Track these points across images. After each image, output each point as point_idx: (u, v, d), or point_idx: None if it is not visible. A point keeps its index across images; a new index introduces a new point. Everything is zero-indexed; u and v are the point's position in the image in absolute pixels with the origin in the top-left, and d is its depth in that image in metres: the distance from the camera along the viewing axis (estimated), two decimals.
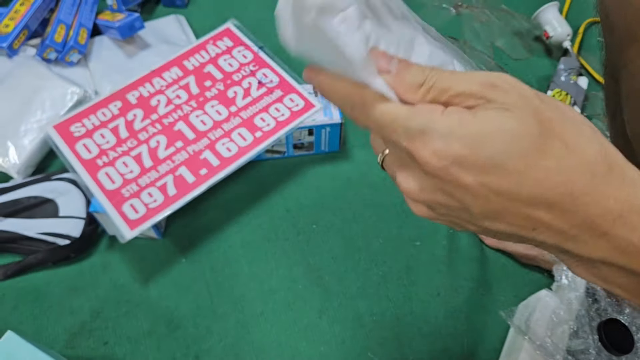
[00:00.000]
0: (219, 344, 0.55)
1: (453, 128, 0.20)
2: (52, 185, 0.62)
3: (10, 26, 0.71)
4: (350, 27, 0.21)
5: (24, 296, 0.58)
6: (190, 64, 0.66)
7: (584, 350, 0.51)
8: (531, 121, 0.20)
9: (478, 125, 0.20)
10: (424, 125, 0.21)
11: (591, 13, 0.87)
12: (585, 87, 0.75)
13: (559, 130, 0.20)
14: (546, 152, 0.20)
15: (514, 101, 0.20)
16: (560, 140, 0.20)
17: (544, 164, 0.20)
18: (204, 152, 0.59)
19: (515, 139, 0.20)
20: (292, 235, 0.63)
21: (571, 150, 0.20)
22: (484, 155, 0.20)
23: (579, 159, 0.20)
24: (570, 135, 0.20)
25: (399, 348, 0.55)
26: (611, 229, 0.20)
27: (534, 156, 0.20)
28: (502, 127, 0.20)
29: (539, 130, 0.20)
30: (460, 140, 0.20)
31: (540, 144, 0.20)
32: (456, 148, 0.20)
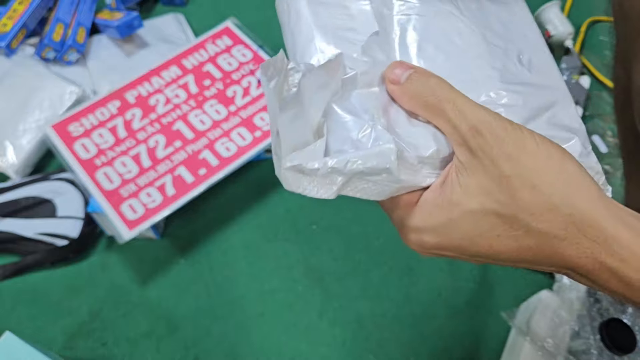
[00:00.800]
0: (219, 345, 0.55)
1: (424, 221, 0.23)
2: (50, 186, 0.61)
3: (8, 25, 0.70)
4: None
5: (22, 297, 0.57)
6: (189, 63, 0.66)
7: (586, 350, 0.51)
8: (496, 195, 0.21)
9: (445, 215, 0.22)
10: (400, 220, 0.24)
11: (593, 12, 0.87)
12: (587, 87, 0.75)
13: (526, 200, 0.21)
14: (512, 224, 0.21)
15: (487, 162, 0.21)
16: (525, 211, 0.21)
17: (512, 234, 0.22)
18: (203, 151, 0.58)
19: (480, 220, 0.22)
20: (292, 235, 0.62)
21: (537, 218, 0.21)
22: (454, 239, 0.23)
23: (546, 226, 0.21)
24: (538, 202, 0.21)
25: (399, 349, 0.55)
26: (589, 275, 0.22)
27: (501, 230, 0.22)
28: (468, 210, 0.22)
29: (502, 204, 0.21)
30: (432, 232, 0.23)
31: (506, 218, 0.21)
32: (428, 239, 0.23)
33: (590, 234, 0.21)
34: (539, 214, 0.21)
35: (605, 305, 0.50)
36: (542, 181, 0.21)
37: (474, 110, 0.22)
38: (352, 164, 0.21)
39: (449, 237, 0.23)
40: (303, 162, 0.22)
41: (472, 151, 0.21)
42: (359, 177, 0.22)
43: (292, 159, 0.22)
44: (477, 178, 0.22)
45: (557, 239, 0.21)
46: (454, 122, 0.22)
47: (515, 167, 0.21)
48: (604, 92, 0.77)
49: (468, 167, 0.22)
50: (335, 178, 0.22)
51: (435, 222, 0.23)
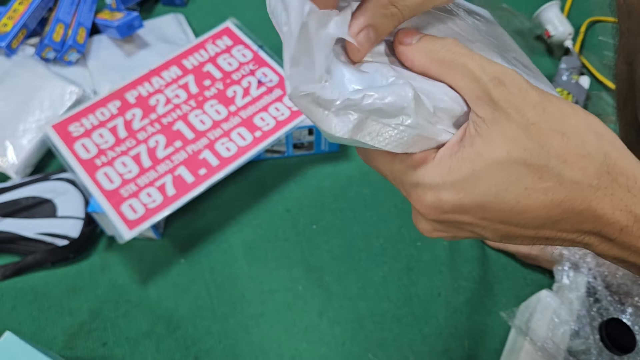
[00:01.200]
0: (219, 344, 0.55)
1: (443, 178, 0.21)
2: (50, 185, 0.61)
3: (8, 25, 0.70)
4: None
5: (23, 297, 0.57)
6: (190, 63, 0.66)
7: (585, 350, 0.51)
8: (524, 143, 0.20)
9: (467, 167, 0.20)
10: (415, 180, 0.22)
11: (593, 12, 0.87)
12: (587, 87, 0.75)
13: (556, 146, 0.20)
14: (542, 174, 0.20)
15: (512, 111, 0.20)
16: (557, 158, 0.20)
17: (541, 186, 0.20)
18: (203, 151, 0.58)
19: (507, 170, 0.20)
20: (292, 235, 0.62)
21: (569, 166, 0.20)
22: (477, 195, 0.20)
23: (580, 174, 0.20)
24: (569, 149, 0.20)
25: (399, 349, 0.55)
26: (618, 237, 0.20)
27: (530, 181, 0.20)
28: (492, 160, 0.20)
29: (532, 152, 0.20)
30: (451, 189, 0.21)
31: (535, 168, 0.20)
32: (448, 197, 0.21)
33: (624, 183, 0.20)
34: (572, 160, 0.19)
35: (605, 305, 0.50)
36: (571, 128, 0.20)
37: (494, 64, 0.21)
38: (368, 98, 0.20)
39: (471, 192, 0.20)
40: (318, 91, 0.20)
41: (494, 102, 0.20)
42: (374, 118, 0.20)
43: (306, 87, 0.20)
44: (500, 128, 0.20)
45: (591, 189, 0.20)
46: (474, 73, 0.20)
47: (542, 114, 0.20)
48: (603, 92, 0.77)
49: (489, 120, 0.20)
50: (350, 115, 0.20)
51: (455, 176, 0.20)
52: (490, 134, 0.20)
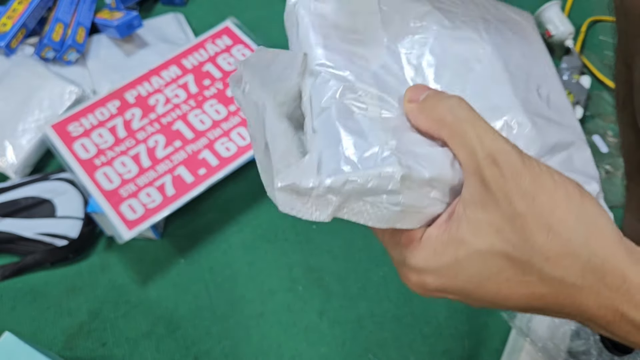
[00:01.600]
0: (219, 345, 0.55)
1: (426, 261, 0.21)
2: (49, 186, 0.61)
3: (8, 25, 0.70)
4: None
5: (22, 297, 0.57)
6: (189, 63, 0.66)
7: (585, 351, 0.51)
8: (508, 235, 0.19)
9: (450, 254, 0.20)
10: (401, 258, 0.22)
11: (593, 12, 0.86)
12: (588, 86, 0.74)
13: (540, 243, 0.19)
14: (524, 268, 0.19)
15: (501, 197, 0.19)
16: (540, 254, 0.19)
17: (523, 279, 0.20)
18: (202, 151, 0.58)
19: (488, 262, 0.20)
20: (292, 235, 0.62)
21: (552, 264, 0.19)
22: (459, 282, 0.21)
23: (562, 273, 0.19)
24: (553, 246, 0.19)
25: (399, 349, 0.55)
26: (606, 327, 0.20)
27: (512, 274, 0.20)
28: (475, 250, 0.20)
29: (514, 246, 0.19)
30: (434, 274, 0.21)
31: (517, 262, 0.19)
32: (431, 281, 0.21)
33: (611, 282, 0.19)
34: (555, 259, 0.19)
35: None
36: (559, 223, 0.19)
37: (493, 138, 0.20)
38: (350, 184, 0.19)
39: (453, 279, 0.21)
40: (297, 180, 0.20)
41: (485, 182, 0.19)
42: (356, 198, 0.20)
43: (284, 177, 0.20)
44: (487, 214, 0.19)
45: (574, 288, 0.19)
46: (471, 145, 0.20)
47: (531, 205, 0.19)
48: (604, 91, 0.77)
49: (478, 201, 0.20)
50: (331, 198, 0.20)
51: (439, 262, 0.21)
52: (476, 220, 0.20)
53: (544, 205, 0.19)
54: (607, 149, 0.71)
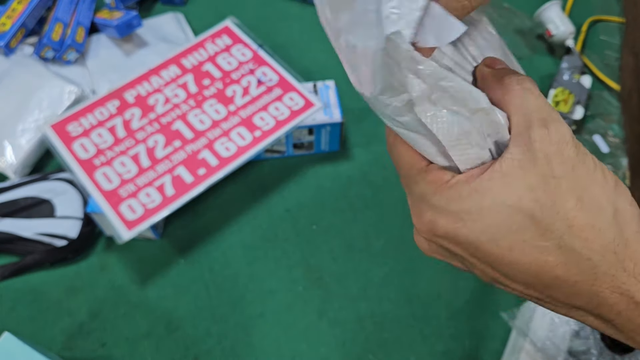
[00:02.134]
0: (218, 345, 0.55)
1: (449, 202, 0.20)
2: (49, 186, 0.61)
3: (7, 25, 0.70)
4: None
5: (21, 297, 0.57)
6: (189, 63, 0.65)
7: (586, 350, 0.50)
8: (538, 195, 0.19)
9: (476, 200, 0.20)
10: (423, 193, 0.21)
11: (594, 11, 0.86)
12: (589, 86, 0.74)
13: (568, 208, 0.19)
14: (545, 232, 0.19)
15: (541, 157, 0.19)
16: (564, 220, 0.19)
17: (539, 244, 0.19)
18: (202, 151, 0.58)
19: (511, 217, 0.19)
20: (292, 235, 0.62)
21: (574, 232, 0.19)
22: (473, 231, 0.20)
23: (581, 244, 0.19)
24: (579, 215, 0.19)
25: (400, 350, 0.54)
26: (615, 320, 0.19)
27: (530, 235, 0.19)
28: (502, 202, 0.19)
29: (542, 207, 0.19)
30: (451, 216, 0.20)
31: (540, 224, 0.19)
32: (444, 223, 0.20)
33: (630, 268, 0.18)
34: (578, 228, 0.18)
35: None
36: (591, 198, 0.19)
37: (551, 110, 0.20)
38: (451, 80, 0.19)
39: (469, 226, 0.20)
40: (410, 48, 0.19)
41: (531, 141, 0.19)
42: (445, 99, 0.20)
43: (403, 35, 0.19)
44: (523, 171, 0.19)
45: (590, 264, 0.18)
46: (528, 110, 0.20)
47: (569, 172, 0.19)
48: (605, 91, 0.77)
49: (518, 159, 0.19)
50: (426, 83, 0.19)
51: (461, 205, 0.20)
52: (511, 174, 0.19)
53: (581, 177, 0.19)
54: (608, 149, 0.70)
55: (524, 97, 0.20)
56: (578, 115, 0.71)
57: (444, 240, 0.21)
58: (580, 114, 0.71)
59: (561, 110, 0.70)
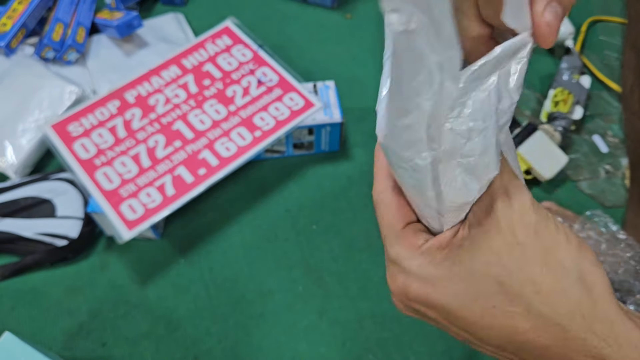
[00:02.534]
0: (218, 345, 0.55)
1: (420, 268, 0.21)
2: (49, 185, 0.61)
3: (7, 25, 0.70)
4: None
5: (22, 297, 0.57)
6: (189, 63, 0.65)
7: None
8: (504, 262, 0.19)
9: (446, 267, 0.20)
10: (397, 257, 0.22)
11: (593, 12, 0.86)
12: (588, 86, 0.74)
13: (534, 275, 0.19)
14: (513, 298, 0.19)
15: (504, 225, 0.20)
16: (532, 286, 0.19)
17: (509, 310, 0.19)
18: (202, 151, 0.58)
19: (480, 283, 0.20)
20: (292, 235, 0.62)
21: (542, 298, 0.19)
22: (445, 296, 0.20)
23: (549, 310, 0.19)
24: (545, 280, 0.19)
25: (399, 349, 0.54)
26: None
27: (499, 301, 0.19)
28: (471, 269, 0.20)
29: (509, 273, 0.19)
30: (423, 282, 0.21)
31: (508, 290, 0.19)
32: (416, 288, 0.21)
33: (600, 331, 0.18)
34: (545, 294, 0.19)
35: None
36: (556, 261, 0.19)
37: (514, 178, 0.20)
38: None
39: (440, 291, 0.20)
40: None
41: (493, 209, 0.20)
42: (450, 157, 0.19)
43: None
44: (489, 238, 0.20)
45: (560, 329, 0.19)
46: (495, 179, 0.20)
47: (532, 237, 0.19)
48: (604, 91, 0.77)
49: (483, 225, 0.20)
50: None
51: (432, 271, 0.21)
52: (478, 241, 0.20)
53: (544, 241, 0.19)
54: (608, 149, 0.71)
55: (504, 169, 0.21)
56: (577, 115, 0.71)
57: (417, 304, 0.22)
58: (580, 114, 0.71)
59: (560, 110, 0.70)
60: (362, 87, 0.76)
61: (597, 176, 0.68)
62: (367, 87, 0.76)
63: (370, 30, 0.82)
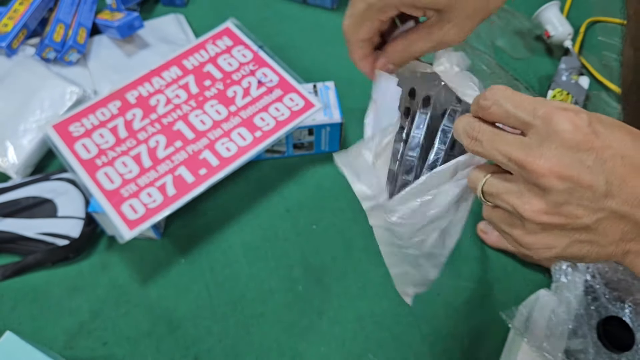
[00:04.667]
0: (219, 344, 0.55)
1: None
2: (50, 185, 0.61)
3: (9, 25, 0.70)
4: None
5: (23, 296, 0.58)
6: (190, 64, 0.66)
7: (583, 349, 0.51)
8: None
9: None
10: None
11: (592, 12, 0.87)
12: (587, 87, 0.75)
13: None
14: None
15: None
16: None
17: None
18: (203, 152, 0.59)
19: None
20: (292, 235, 0.62)
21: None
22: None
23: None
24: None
25: (399, 349, 0.55)
26: None
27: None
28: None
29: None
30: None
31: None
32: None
33: None
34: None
35: (604, 303, 0.50)
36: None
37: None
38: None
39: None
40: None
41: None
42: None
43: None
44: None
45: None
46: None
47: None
48: (603, 92, 0.77)
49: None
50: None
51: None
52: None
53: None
54: None
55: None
56: None
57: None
58: None
59: None
60: (361, 87, 0.76)
61: None
62: (367, 88, 0.76)
63: None
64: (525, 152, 0.22)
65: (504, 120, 0.24)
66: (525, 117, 0.22)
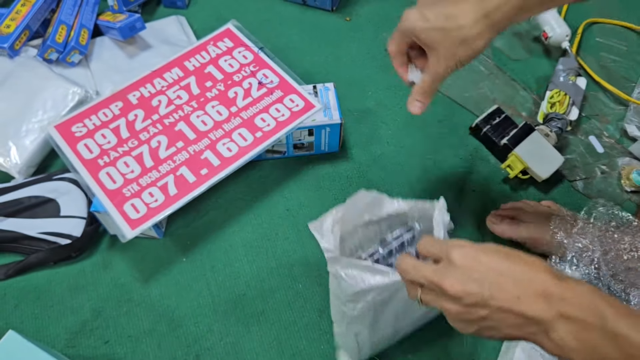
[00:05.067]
0: (220, 342, 0.55)
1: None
2: (53, 185, 0.62)
3: (11, 27, 0.71)
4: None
5: (25, 295, 0.58)
6: (191, 65, 0.66)
7: None
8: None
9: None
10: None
11: (590, 14, 0.88)
12: (584, 88, 0.75)
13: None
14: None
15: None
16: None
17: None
18: (204, 152, 0.59)
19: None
20: (292, 234, 0.63)
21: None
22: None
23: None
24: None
25: (399, 347, 0.55)
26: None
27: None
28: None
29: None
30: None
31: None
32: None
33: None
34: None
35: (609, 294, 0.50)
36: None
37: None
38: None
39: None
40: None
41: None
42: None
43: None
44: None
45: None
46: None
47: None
48: (600, 92, 0.78)
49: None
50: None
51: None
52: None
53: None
54: (603, 150, 0.71)
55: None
56: (573, 116, 0.72)
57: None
58: (576, 115, 0.72)
59: (557, 111, 0.71)
60: (361, 88, 0.77)
61: (593, 176, 0.69)
62: (366, 89, 0.77)
63: (369, 33, 0.83)
64: (437, 277, 0.35)
65: (426, 255, 0.38)
66: (437, 253, 0.36)
